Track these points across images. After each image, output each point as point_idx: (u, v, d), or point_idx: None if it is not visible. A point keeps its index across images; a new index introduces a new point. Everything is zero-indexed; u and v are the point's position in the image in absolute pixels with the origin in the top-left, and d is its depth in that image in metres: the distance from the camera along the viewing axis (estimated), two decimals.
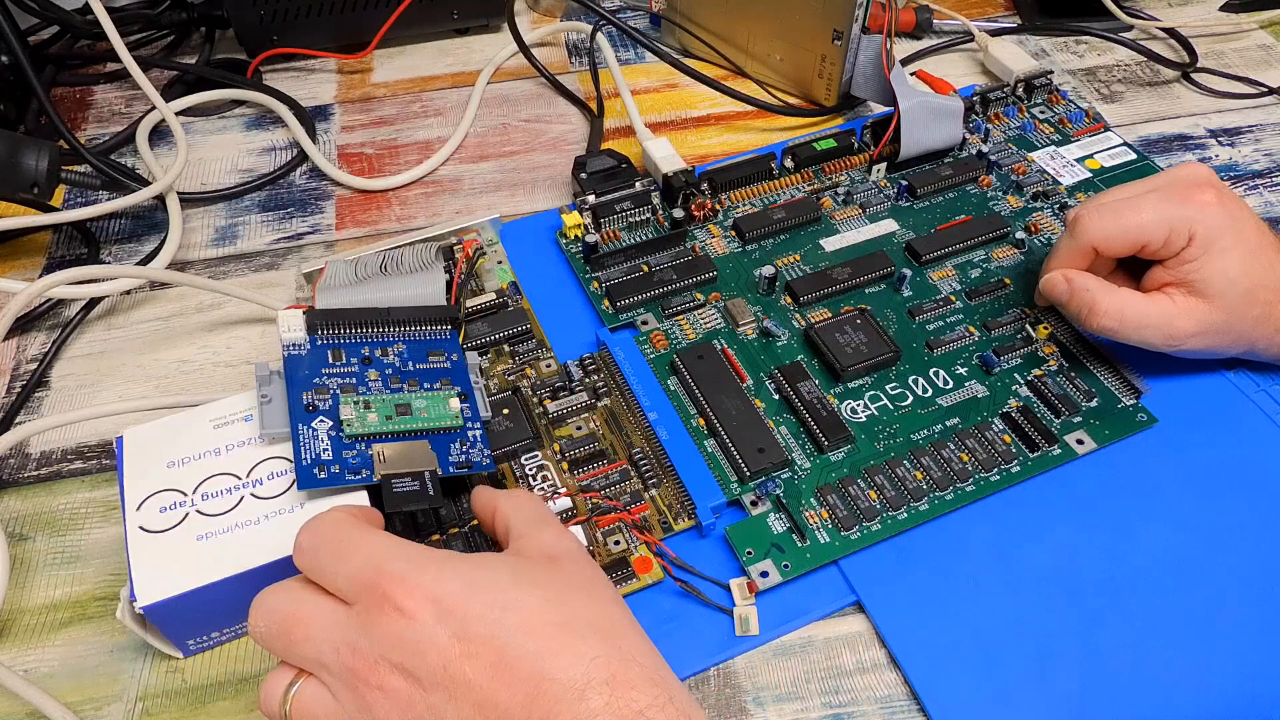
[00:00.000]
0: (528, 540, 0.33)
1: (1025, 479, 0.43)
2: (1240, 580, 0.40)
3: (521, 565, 0.32)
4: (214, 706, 0.38)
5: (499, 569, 0.31)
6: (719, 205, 0.55)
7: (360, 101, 0.66)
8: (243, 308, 0.52)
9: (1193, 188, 0.43)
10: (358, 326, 0.43)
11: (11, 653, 0.39)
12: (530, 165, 0.61)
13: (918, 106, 0.55)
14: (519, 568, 0.31)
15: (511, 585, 0.30)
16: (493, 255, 0.52)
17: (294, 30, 0.66)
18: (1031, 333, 0.48)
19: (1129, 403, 0.45)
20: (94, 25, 0.59)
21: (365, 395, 0.41)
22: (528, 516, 0.34)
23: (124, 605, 0.36)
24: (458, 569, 0.30)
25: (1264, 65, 0.67)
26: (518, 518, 0.34)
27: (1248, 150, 0.61)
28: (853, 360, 0.46)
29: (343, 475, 0.38)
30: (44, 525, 0.43)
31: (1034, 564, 0.41)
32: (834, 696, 0.38)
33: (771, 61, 0.64)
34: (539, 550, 0.33)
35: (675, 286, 0.50)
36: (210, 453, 0.40)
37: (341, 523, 0.32)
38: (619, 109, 0.63)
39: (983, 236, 0.53)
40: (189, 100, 0.62)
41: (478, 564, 0.31)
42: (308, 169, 0.61)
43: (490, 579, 0.30)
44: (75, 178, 0.54)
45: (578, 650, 0.29)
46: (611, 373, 0.47)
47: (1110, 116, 0.63)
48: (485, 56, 0.69)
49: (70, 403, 0.48)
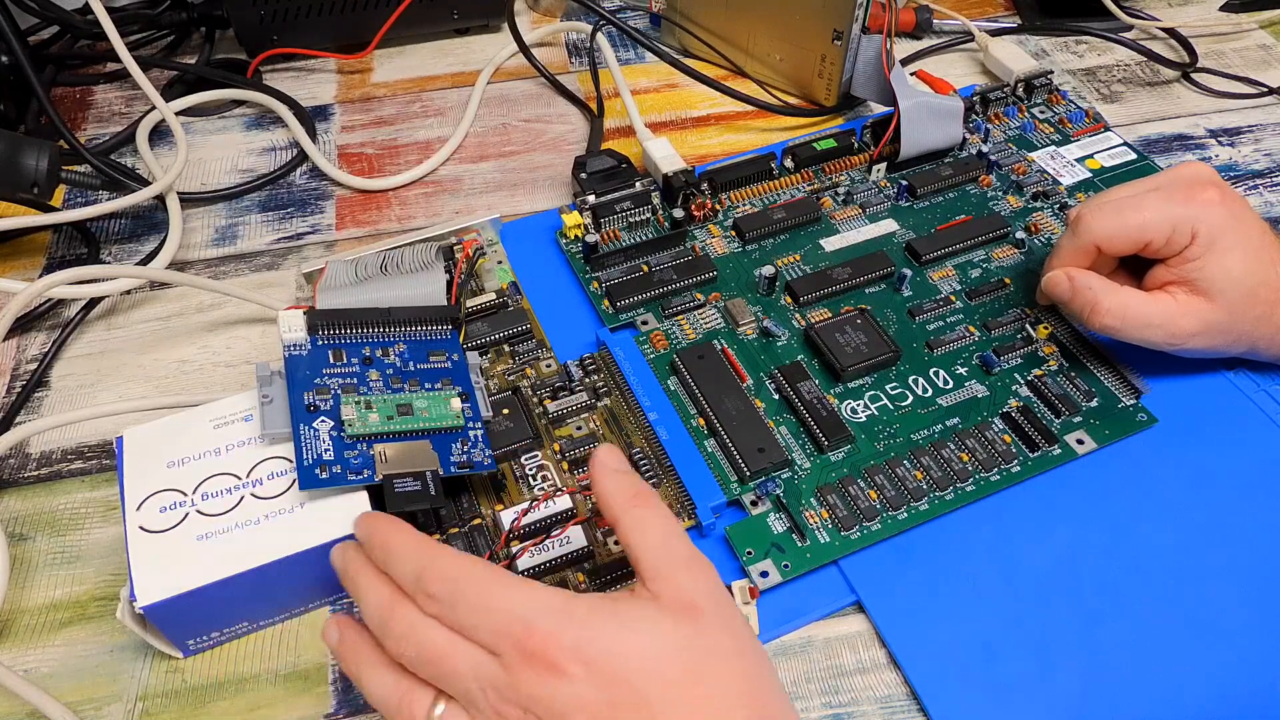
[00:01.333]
0: (665, 584, 0.31)
1: (1025, 479, 0.43)
2: (1240, 580, 0.40)
3: (665, 625, 0.30)
4: (214, 706, 0.38)
5: (642, 630, 0.30)
6: (719, 205, 0.55)
7: (360, 101, 0.66)
8: (243, 308, 0.52)
9: (1195, 186, 0.43)
10: (358, 327, 0.43)
11: (11, 653, 0.39)
12: (530, 165, 0.61)
13: (918, 106, 0.55)
14: (661, 629, 0.30)
15: (655, 652, 0.30)
16: (493, 255, 0.52)
17: (294, 30, 0.66)
18: (1031, 333, 0.48)
19: (1129, 403, 0.45)
20: (94, 25, 0.59)
21: (366, 395, 0.41)
22: (661, 554, 0.32)
23: (124, 605, 0.36)
24: (604, 628, 0.30)
25: (1264, 65, 0.67)
26: (651, 556, 0.32)
27: (1248, 150, 0.61)
28: (853, 360, 0.46)
29: (344, 475, 0.38)
30: (44, 525, 0.43)
31: (1034, 564, 0.41)
32: (834, 696, 0.38)
33: (771, 61, 0.64)
34: (677, 598, 0.31)
35: (675, 286, 0.50)
36: (210, 453, 0.40)
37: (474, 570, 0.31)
38: (619, 109, 0.63)
39: (983, 236, 0.53)
40: (189, 100, 0.62)
41: (621, 621, 0.30)
42: (308, 169, 0.61)
43: (635, 644, 0.30)
44: (75, 178, 0.54)
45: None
46: (611, 373, 0.47)
47: (1110, 116, 0.63)
48: (485, 56, 0.69)
49: (70, 403, 0.48)
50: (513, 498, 0.42)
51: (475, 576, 0.31)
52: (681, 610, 0.31)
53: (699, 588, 0.31)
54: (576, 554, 0.40)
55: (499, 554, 0.39)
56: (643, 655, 0.29)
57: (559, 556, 0.39)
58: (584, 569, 0.40)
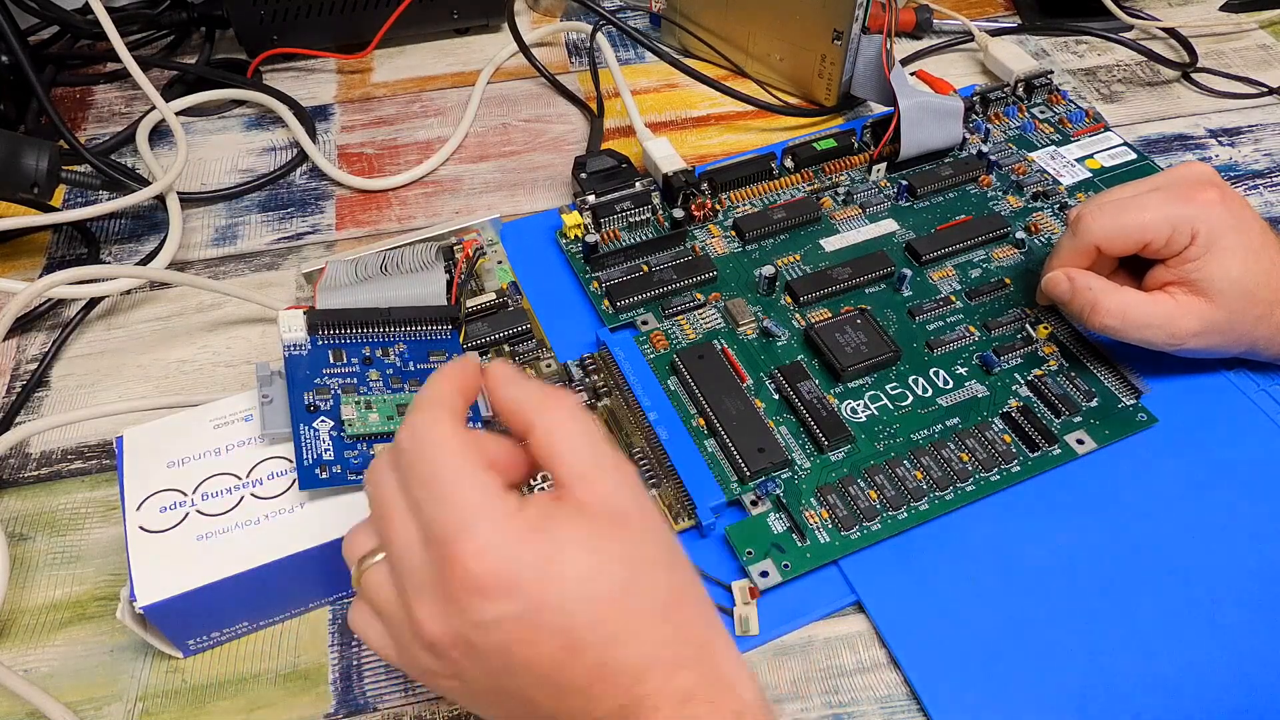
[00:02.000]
0: (591, 491, 0.30)
1: (1025, 479, 0.43)
2: (1240, 580, 0.40)
3: (596, 541, 0.29)
4: (214, 706, 0.38)
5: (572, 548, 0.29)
6: (719, 205, 0.55)
7: (360, 101, 0.66)
8: (243, 308, 0.52)
9: (1195, 186, 0.43)
10: (358, 326, 0.43)
11: (11, 653, 0.39)
12: (530, 165, 0.61)
13: (918, 106, 0.55)
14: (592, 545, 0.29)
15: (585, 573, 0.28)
16: (493, 255, 0.52)
17: (294, 30, 0.66)
18: (1031, 333, 0.48)
19: (1129, 403, 0.45)
20: (94, 25, 0.59)
21: (367, 395, 0.41)
22: (586, 458, 0.30)
23: (124, 605, 0.36)
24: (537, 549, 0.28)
25: (1264, 65, 0.67)
26: (575, 460, 0.30)
27: (1248, 150, 0.61)
28: (853, 360, 0.46)
29: (344, 475, 0.38)
30: (44, 525, 0.43)
31: (1034, 564, 0.41)
32: (834, 696, 0.38)
33: (771, 61, 0.64)
34: (605, 507, 0.30)
35: (675, 286, 0.50)
36: (210, 453, 0.40)
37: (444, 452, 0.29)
38: (619, 109, 0.63)
39: (983, 236, 0.53)
40: (189, 100, 0.62)
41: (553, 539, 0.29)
42: (308, 169, 0.61)
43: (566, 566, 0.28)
44: (75, 178, 0.54)
45: (645, 636, 0.28)
46: (611, 373, 0.47)
47: (1110, 116, 0.63)
48: (485, 56, 0.69)
49: (70, 403, 0.48)
50: None
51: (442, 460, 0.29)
52: (610, 521, 0.29)
53: (625, 494, 0.30)
54: None
55: None
56: (573, 578, 0.28)
57: None
58: None
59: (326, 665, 0.39)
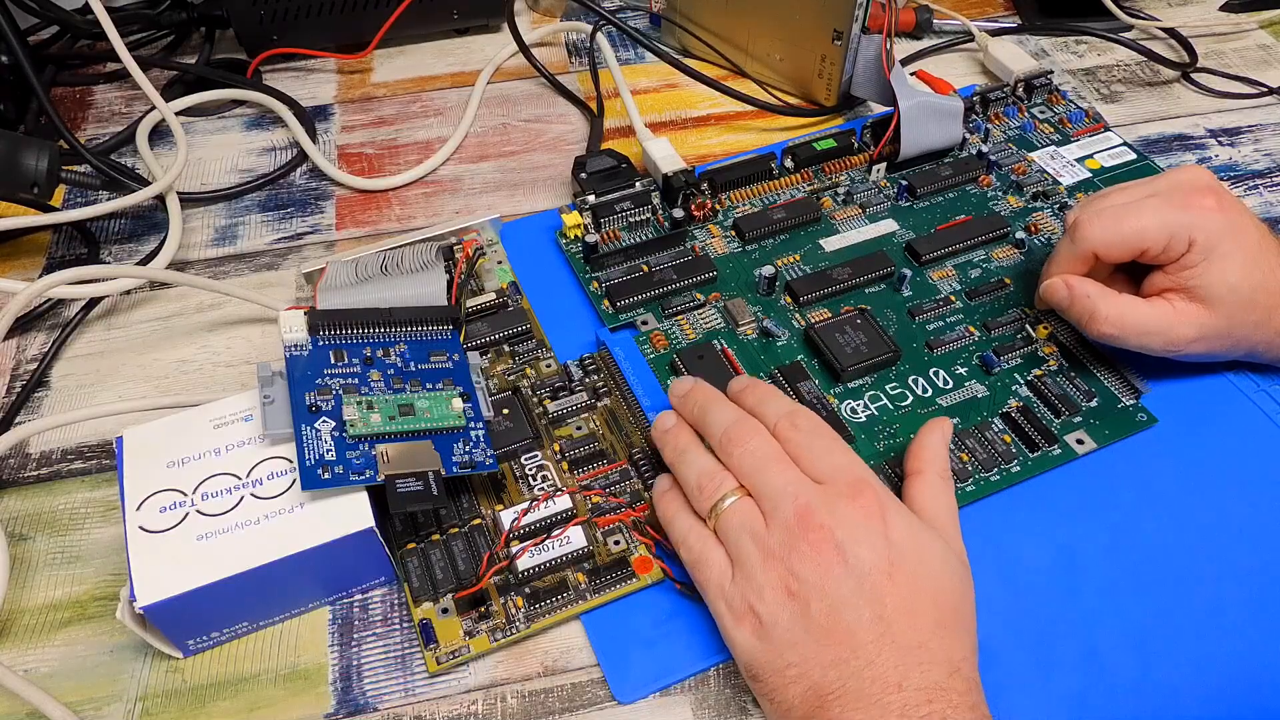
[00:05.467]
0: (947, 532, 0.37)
1: (1025, 479, 0.43)
2: (1240, 580, 0.40)
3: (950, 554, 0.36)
4: (214, 706, 0.38)
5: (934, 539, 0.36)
6: (719, 205, 0.55)
7: (360, 101, 0.66)
8: (243, 308, 0.52)
9: (1193, 193, 0.43)
10: (359, 327, 0.43)
11: (11, 653, 0.39)
12: (530, 165, 0.61)
13: (918, 106, 0.55)
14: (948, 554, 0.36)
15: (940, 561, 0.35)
16: (493, 255, 0.52)
17: (294, 30, 0.66)
18: (1031, 333, 0.48)
19: (1129, 403, 0.45)
20: (94, 25, 0.59)
21: (368, 395, 0.41)
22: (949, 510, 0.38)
23: (124, 605, 0.36)
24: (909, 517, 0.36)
25: (1264, 65, 0.67)
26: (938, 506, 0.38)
27: (1248, 150, 0.61)
28: (853, 360, 0.46)
29: (346, 476, 0.38)
30: (44, 525, 0.43)
31: (1034, 564, 0.41)
32: None
33: (771, 61, 0.64)
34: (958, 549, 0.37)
35: (675, 286, 0.50)
36: (210, 453, 0.40)
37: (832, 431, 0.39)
38: (619, 109, 0.63)
39: (983, 236, 0.53)
40: (189, 100, 0.62)
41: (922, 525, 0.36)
42: (308, 169, 0.61)
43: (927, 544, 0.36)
44: (75, 178, 0.54)
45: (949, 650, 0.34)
46: (611, 373, 0.47)
47: (1110, 116, 0.63)
48: (485, 56, 0.69)
49: (70, 403, 0.48)
50: (512, 498, 0.42)
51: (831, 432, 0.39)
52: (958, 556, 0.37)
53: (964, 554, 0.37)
54: (576, 554, 0.40)
55: (499, 554, 0.39)
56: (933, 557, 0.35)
57: (559, 556, 0.39)
58: (584, 569, 0.40)
59: (326, 665, 0.39)
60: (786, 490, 0.36)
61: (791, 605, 0.34)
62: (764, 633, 0.34)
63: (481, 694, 0.38)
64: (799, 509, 0.35)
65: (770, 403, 0.40)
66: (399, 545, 0.41)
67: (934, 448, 0.40)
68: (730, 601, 0.36)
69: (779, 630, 0.34)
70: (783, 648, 0.34)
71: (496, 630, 0.38)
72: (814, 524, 0.35)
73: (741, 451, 0.38)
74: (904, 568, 0.34)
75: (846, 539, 0.34)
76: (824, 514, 0.35)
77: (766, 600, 0.34)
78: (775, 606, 0.34)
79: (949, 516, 0.38)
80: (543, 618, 0.39)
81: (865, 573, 0.34)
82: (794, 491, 0.36)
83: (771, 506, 0.36)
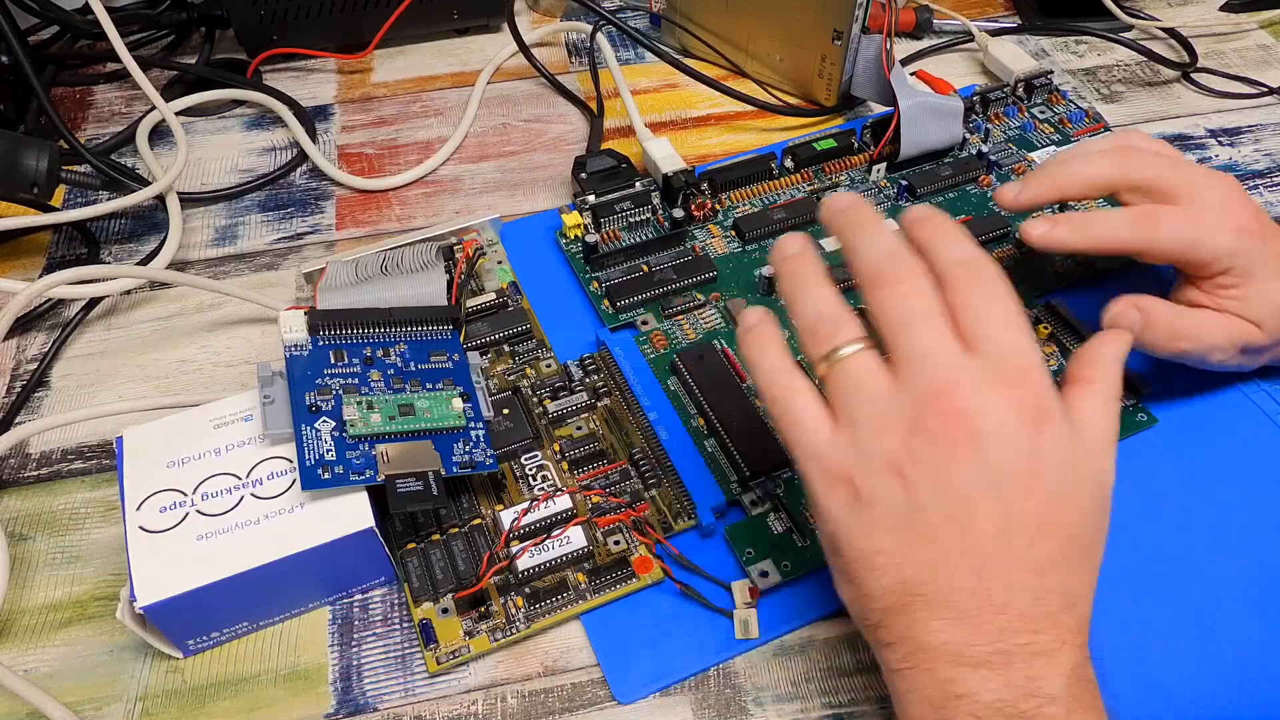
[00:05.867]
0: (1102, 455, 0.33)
1: None
2: (1240, 580, 0.40)
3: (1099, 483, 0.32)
4: (214, 706, 0.38)
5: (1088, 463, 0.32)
6: (719, 205, 0.55)
7: (360, 101, 0.66)
8: (243, 308, 0.52)
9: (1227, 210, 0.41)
10: (359, 327, 0.43)
11: (11, 653, 0.39)
12: (530, 165, 0.61)
13: (918, 106, 0.55)
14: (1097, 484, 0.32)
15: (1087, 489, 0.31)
16: (493, 255, 0.52)
17: (294, 30, 0.66)
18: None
19: (1129, 403, 0.45)
20: (94, 25, 0.59)
21: (368, 396, 0.41)
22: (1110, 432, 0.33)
23: (124, 605, 0.36)
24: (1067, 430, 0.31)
25: (1264, 65, 0.67)
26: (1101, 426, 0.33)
27: (1248, 150, 0.61)
28: None
29: (346, 476, 0.38)
30: (44, 525, 0.43)
31: None
32: (834, 696, 0.38)
33: (771, 61, 0.64)
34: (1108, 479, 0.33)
35: (675, 286, 0.50)
36: (210, 453, 0.40)
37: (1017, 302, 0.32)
38: (619, 109, 0.63)
39: (983, 236, 0.53)
40: (189, 100, 0.62)
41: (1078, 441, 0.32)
42: (308, 169, 0.61)
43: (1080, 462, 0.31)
44: (75, 178, 0.54)
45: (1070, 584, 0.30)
46: (611, 373, 0.47)
47: (1110, 116, 0.63)
48: (485, 56, 0.69)
49: (70, 403, 0.48)
50: (512, 498, 0.42)
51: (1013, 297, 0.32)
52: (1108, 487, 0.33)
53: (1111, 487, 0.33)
54: (576, 554, 0.40)
55: (499, 554, 0.39)
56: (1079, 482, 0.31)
57: (559, 556, 0.39)
58: (584, 569, 0.40)
59: (326, 665, 0.39)
60: (931, 353, 0.30)
61: (898, 486, 0.30)
62: (859, 507, 0.30)
63: (481, 694, 0.38)
64: (941, 381, 0.30)
65: (949, 240, 0.33)
66: (399, 545, 0.41)
67: (1108, 360, 0.34)
68: (823, 461, 0.31)
69: (878, 510, 0.30)
70: (878, 531, 0.30)
71: (496, 630, 0.38)
72: (953, 403, 0.29)
73: (890, 294, 0.31)
74: (1045, 483, 0.30)
75: (988, 430, 0.29)
76: (969, 394, 0.30)
77: (870, 473, 0.30)
78: (878, 483, 0.30)
79: (1110, 442, 0.33)
80: (543, 618, 0.39)
81: (999, 475, 0.29)
82: (940, 359, 0.30)
83: (909, 369, 0.30)
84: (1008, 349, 0.31)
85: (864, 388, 0.31)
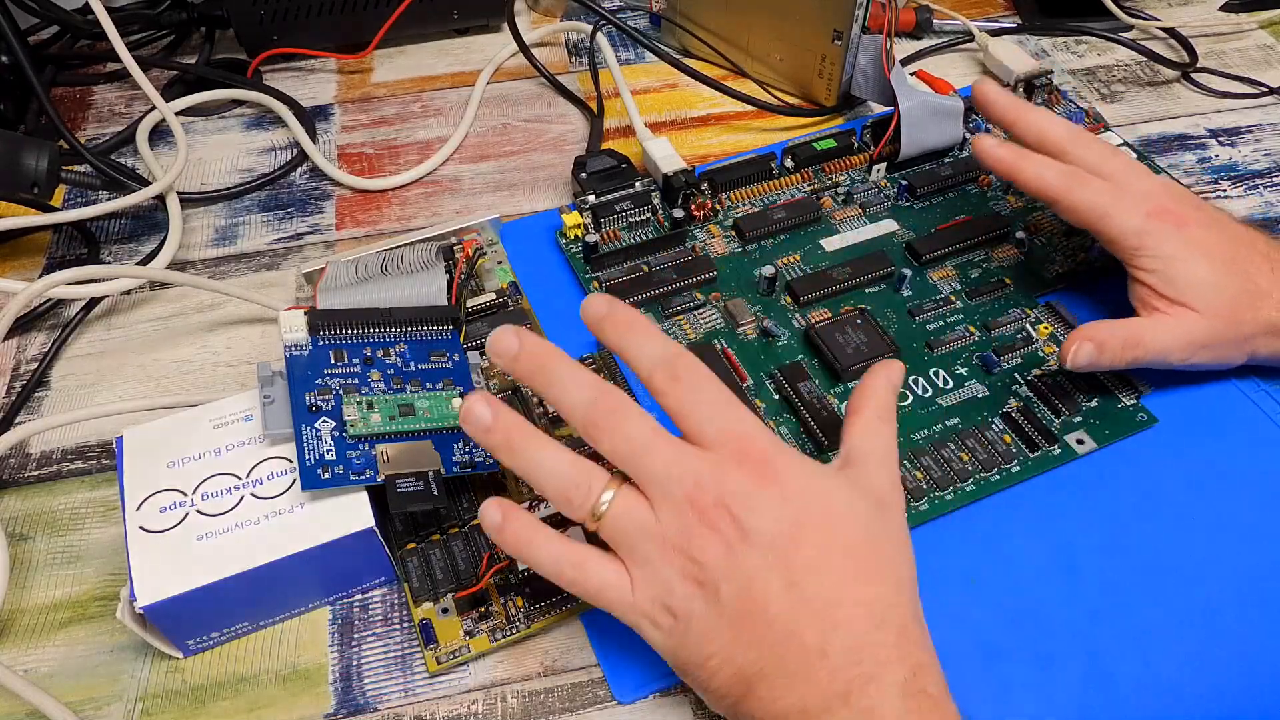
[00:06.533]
0: (866, 471, 0.35)
1: (1025, 479, 0.43)
2: (1240, 580, 0.40)
3: (858, 497, 0.34)
4: (214, 706, 0.38)
5: (840, 488, 0.34)
6: (719, 205, 0.55)
7: (360, 101, 0.66)
8: (243, 308, 0.52)
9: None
10: (359, 327, 0.43)
11: (11, 653, 0.39)
12: (530, 165, 0.61)
13: (918, 106, 0.55)
14: (854, 497, 0.34)
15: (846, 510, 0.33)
16: (493, 255, 0.52)
17: (294, 30, 0.66)
18: (1032, 333, 0.48)
19: (1129, 403, 0.45)
20: (94, 25, 0.59)
21: (368, 395, 0.41)
22: (876, 449, 0.36)
23: (124, 605, 0.36)
24: (812, 469, 0.34)
25: (1264, 65, 0.67)
26: (866, 445, 0.36)
27: (1248, 150, 0.61)
28: (853, 360, 0.46)
29: (346, 475, 0.38)
30: (44, 525, 0.43)
31: (1034, 564, 0.41)
32: None
33: (771, 61, 0.64)
34: (874, 488, 0.35)
35: (675, 286, 0.50)
36: (210, 453, 0.40)
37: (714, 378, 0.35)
38: (619, 109, 0.63)
39: (983, 236, 0.53)
40: (189, 100, 0.62)
41: (824, 473, 0.34)
42: (308, 169, 0.61)
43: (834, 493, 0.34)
44: (75, 178, 0.54)
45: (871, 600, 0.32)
46: (612, 373, 0.47)
47: (1110, 116, 0.63)
48: (485, 56, 0.69)
49: (70, 403, 0.48)
50: (513, 498, 0.42)
51: (718, 381, 0.35)
52: (873, 496, 0.34)
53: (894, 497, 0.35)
54: None
55: (499, 554, 0.39)
56: (837, 506, 0.33)
57: None
58: None
59: (326, 665, 0.39)
60: (668, 468, 0.33)
61: (702, 595, 0.32)
62: (680, 628, 0.32)
63: (481, 694, 0.38)
64: (688, 491, 0.32)
65: (638, 339, 0.35)
66: (399, 545, 0.41)
67: (875, 388, 0.38)
68: (638, 606, 0.33)
69: (694, 622, 0.32)
70: (701, 640, 0.32)
71: (496, 630, 0.38)
72: (706, 503, 0.32)
73: (610, 436, 0.33)
74: (809, 524, 0.32)
75: (742, 511, 0.32)
76: (714, 489, 0.32)
77: (675, 595, 0.32)
78: (683, 599, 0.32)
79: (878, 458, 0.35)
80: (543, 618, 0.39)
81: (768, 542, 0.32)
82: (679, 473, 0.32)
83: (658, 490, 0.33)
84: (728, 431, 0.33)
85: (633, 527, 0.33)
